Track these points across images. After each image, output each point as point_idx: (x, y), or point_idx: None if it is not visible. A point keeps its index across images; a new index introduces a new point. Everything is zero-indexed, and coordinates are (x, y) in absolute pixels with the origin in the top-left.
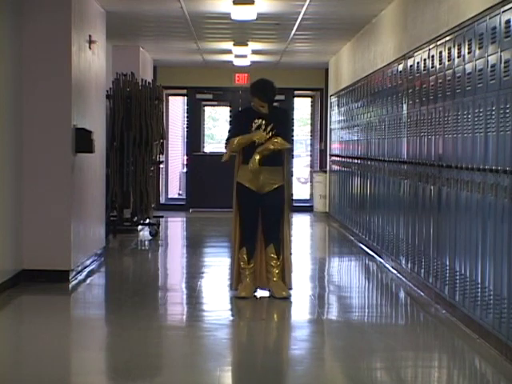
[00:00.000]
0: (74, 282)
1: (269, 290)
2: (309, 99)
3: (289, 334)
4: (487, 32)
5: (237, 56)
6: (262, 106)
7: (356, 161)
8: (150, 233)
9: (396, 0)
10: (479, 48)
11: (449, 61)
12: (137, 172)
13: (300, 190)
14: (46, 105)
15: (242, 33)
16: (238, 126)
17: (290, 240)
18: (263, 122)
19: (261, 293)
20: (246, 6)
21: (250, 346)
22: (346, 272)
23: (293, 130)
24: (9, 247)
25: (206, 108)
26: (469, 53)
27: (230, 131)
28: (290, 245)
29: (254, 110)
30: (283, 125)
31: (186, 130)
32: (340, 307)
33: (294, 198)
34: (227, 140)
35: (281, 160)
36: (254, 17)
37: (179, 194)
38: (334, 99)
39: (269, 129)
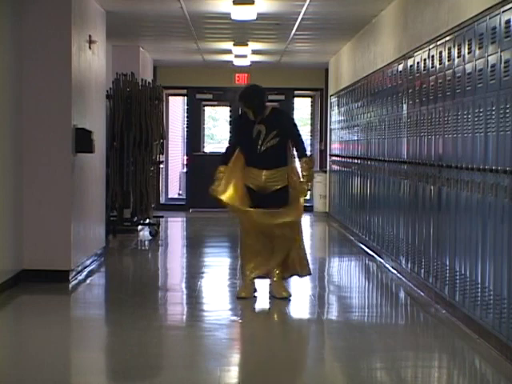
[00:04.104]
0: (74, 282)
1: (269, 277)
2: (309, 99)
3: (289, 334)
4: (487, 32)
5: (237, 56)
6: (248, 112)
7: (356, 161)
8: (150, 233)
9: (396, 0)
10: (479, 48)
11: (449, 61)
12: (137, 172)
13: None
14: (46, 105)
15: (242, 33)
16: (238, 134)
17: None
18: (263, 127)
19: (261, 292)
20: (246, 6)
21: (250, 346)
22: (346, 272)
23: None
24: (9, 247)
25: (206, 108)
26: (469, 53)
27: (229, 140)
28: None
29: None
30: (291, 132)
31: (185, 130)
32: (340, 307)
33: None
34: (226, 152)
35: (284, 161)
36: (254, 17)
37: (179, 194)
38: (333, 99)
39: (271, 136)
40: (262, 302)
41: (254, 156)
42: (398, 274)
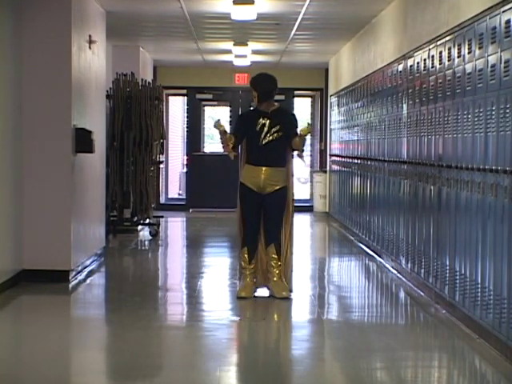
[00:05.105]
0: (74, 282)
1: (268, 289)
2: (309, 99)
3: (289, 334)
4: (487, 32)
5: (237, 56)
6: (254, 96)
7: (356, 161)
8: (150, 233)
9: (396, 0)
10: (479, 48)
11: (449, 61)
12: (137, 172)
13: (300, 190)
14: (46, 105)
15: (242, 33)
16: (240, 127)
17: (291, 243)
18: (267, 121)
19: (261, 292)
20: (245, 6)
21: (250, 346)
22: (346, 272)
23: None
24: (9, 247)
25: (206, 108)
26: (469, 53)
27: (232, 130)
28: (291, 247)
29: (259, 110)
30: (293, 129)
31: (185, 130)
32: (340, 307)
33: (294, 197)
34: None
35: (284, 161)
36: (254, 17)
37: (179, 194)
38: (333, 99)
39: (273, 130)
40: (262, 301)
41: (255, 150)
42: (398, 274)
